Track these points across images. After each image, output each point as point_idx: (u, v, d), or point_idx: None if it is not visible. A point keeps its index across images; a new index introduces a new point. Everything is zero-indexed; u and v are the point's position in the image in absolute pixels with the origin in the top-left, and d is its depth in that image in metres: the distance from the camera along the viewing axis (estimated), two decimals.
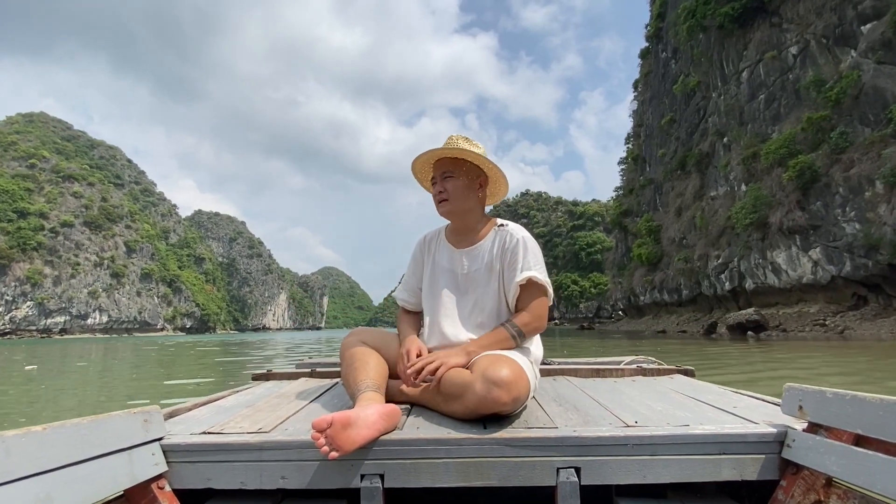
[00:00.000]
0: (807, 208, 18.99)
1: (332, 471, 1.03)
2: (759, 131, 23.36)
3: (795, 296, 20.72)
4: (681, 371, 2.01)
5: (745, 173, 23.48)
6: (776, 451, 1.03)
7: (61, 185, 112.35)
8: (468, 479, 1.02)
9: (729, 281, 24.73)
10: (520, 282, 1.42)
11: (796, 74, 21.75)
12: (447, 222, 1.62)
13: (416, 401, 1.40)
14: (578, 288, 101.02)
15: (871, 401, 0.87)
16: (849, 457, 0.90)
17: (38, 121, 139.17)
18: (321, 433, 0.99)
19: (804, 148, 19.40)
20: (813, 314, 19.00)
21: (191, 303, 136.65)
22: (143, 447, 1.01)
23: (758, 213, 20.84)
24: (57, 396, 5.45)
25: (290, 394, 1.65)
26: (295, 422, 1.24)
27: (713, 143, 28.63)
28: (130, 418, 1.00)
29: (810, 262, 19.13)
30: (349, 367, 1.38)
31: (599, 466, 1.02)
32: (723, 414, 1.23)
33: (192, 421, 1.28)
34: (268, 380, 2.07)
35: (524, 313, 1.44)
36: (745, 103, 24.73)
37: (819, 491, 0.95)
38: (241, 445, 1.05)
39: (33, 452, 0.79)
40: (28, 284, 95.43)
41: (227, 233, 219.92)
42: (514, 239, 1.47)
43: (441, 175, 1.51)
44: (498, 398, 1.13)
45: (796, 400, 1.05)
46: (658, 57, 41.48)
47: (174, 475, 1.04)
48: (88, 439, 0.89)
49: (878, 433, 0.85)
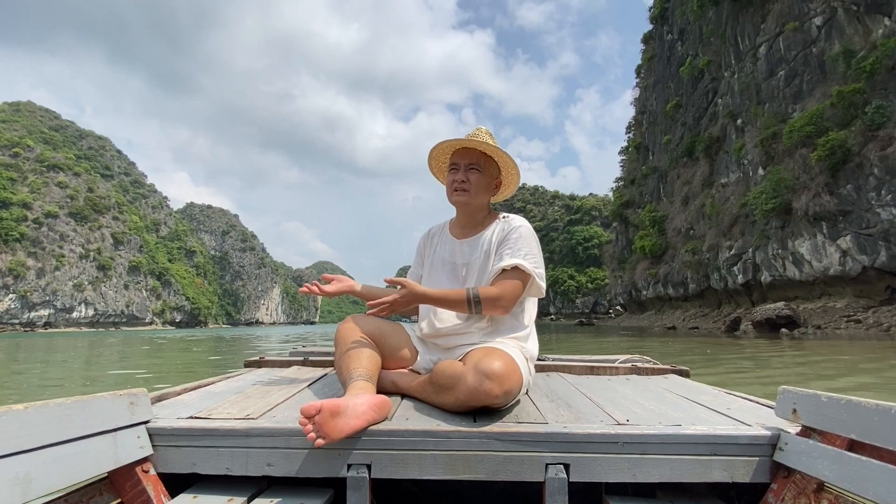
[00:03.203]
0: (836, 192, 17.13)
1: (318, 459, 1.02)
2: (779, 110, 21.48)
3: (818, 289, 18.91)
4: (676, 371, 1.98)
5: (762, 156, 21.60)
6: (768, 454, 1.02)
7: (46, 174, 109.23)
8: (456, 471, 1.01)
9: (742, 273, 22.91)
10: (503, 266, 1.39)
11: (821, 47, 19.86)
12: (452, 216, 1.62)
13: (406, 392, 1.39)
14: (575, 283, 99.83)
15: (867, 406, 0.86)
16: (841, 462, 0.88)
17: (24, 110, 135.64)
18: (309, 419, 0.98)
19: (833, 125, 17.52)
20: (840, 309, 17.20)
21: (180, 296, 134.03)
22: (129, 430, 0.99)
23: (779, 198, 18.95)
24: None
25: (281, 381, 1.64)
26: (283, 409, 1.23)
27: (724, 127, 26.78)
28: (116, 400, 0.99)
29: (838, 252, 17.29)
30: (343, 355, 1.36)
31: (589, 464, 1.01)
32: (716, 415, 1.21)
33: (179, 405, 1.27)
34: (260, 367, 2.05)
35: (492, 287, 1.39)
36: (762, 81, 22.84)
37: (810, 496, 0.94)
38: (227, 431, 1.04)
39: (14, 431, 0.78)
40: (10, 277, 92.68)
41: (220, 226, 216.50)
42: (512, 226, 1.47)
43: (467, 165, 1.49)
44: (489, 391, 1.11)
45: (790, 403, 1.04)
46: (663, 40, 39.59)
47: (159, 459, 1.03)
48: (72, 420, 0.88)
49: (873, 439, 0.84)
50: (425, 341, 1.52)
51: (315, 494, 1.05)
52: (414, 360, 1.50)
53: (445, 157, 1.58)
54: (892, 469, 0.80)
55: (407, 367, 1.50)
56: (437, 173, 1.65)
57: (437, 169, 1.65)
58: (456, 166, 1.50)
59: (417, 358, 1.50)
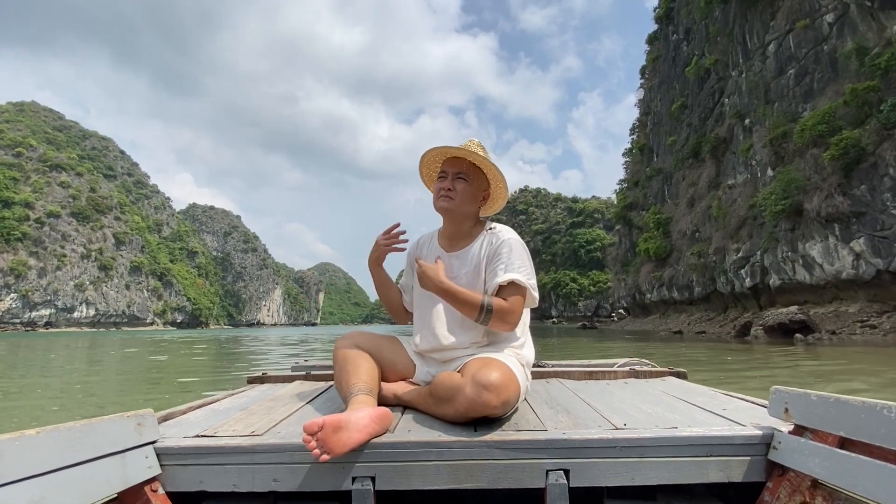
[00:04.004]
0: (849, 193, 16.54)
1: (323, 473, 1.03)
2: (788, 110, 20.90)
3: (830, 293, 18.30)
4: (673, 373, 1.98)
5: (771, 156, 21.03)
6: (763, 454, 1.03)
7: (48, 174, 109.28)
8: (458, 481, 1.03)
9: (750, 277, 22.31)
10: (500, 282, 1.39)
11: (833, 44, 19.30)
12: (440, 226, 1.62)
13: (407, 404, 1.40)
14: (577, 286, 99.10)
15: (854, 404, 0.88)
16: (833, 459, 0.90)
17: (28, 110, 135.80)
18: (312, 436, 1.00)
19: (845, 124, 16.96)
20: (853, 314, 16.58)
21: (182, 297, 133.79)
22: (137, 450, 1.01)
23: (790, 199, 18.37)
24: None
25: (284, 397, 1.65)
26: (288, 425, 1.24)
27: (731, 127, 26.20)
28: (124, 422, 1.00)
29: (851, 255, 16.70)
30: (342, 371, 1.37)
31: (588, 469, 1.02)
32: (711, 416, 1.22)
33: (185, 424, 1.28)
34: (262, 382, 2.05)
35: (504, 301, 1.38)
36: (771, 80, 22.27)
37: (804, 493, 0.96)
38: (233, 448, 1.05)
39: (27, 456, 0.80)
40: (12, 276, 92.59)
41: (222, 227, 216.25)
42: (500, 240, 1.46)
43: (455, 173, 1.49)
44: (488, 402, 1.12)
45: (782, 402, 1.05)
46: (668, 40, 39.07)
47: (167, 478, 1.04)
48: (82, 442, 0.89)
49: (862, 436, 0.86)
50: (422, 354, 1.52)
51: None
52: (412, 373, 1.51)
53: (436, 166, 1.58)
54: (880, 465, 0.81)
55: (406, 379, 1.51)
56: (427, 182, 1.64)
57: (427, 178, 1.64)
58: (444, 174, 1.50)
59: (416, 370, 1.51)
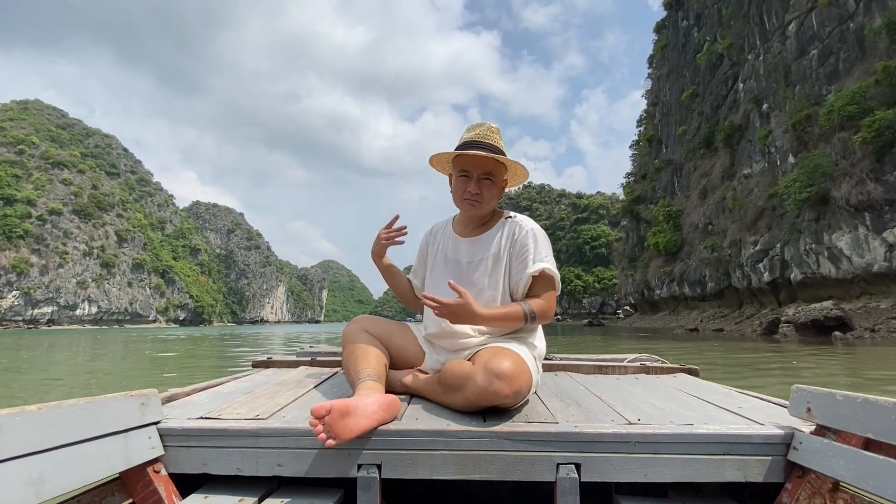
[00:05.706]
0: (882, 179, 15.28)
1: (328, 459, 1.02)
2: (811, 92, 19.60)
3: (858, 288, 17.04)
4: (685, 370, 1.96)
5: (793, 142, 19.72)
6: (782, 454, 1.01)
7: (50, 171, 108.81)
8: (466, 471, 1.01)
9: (768, 271, 21.04)
10: (532, 272, 1.39)
11: (859, 22, 17.98)
12: (455, 213, 1.60)
13: (415, 392, 1.39)
14: (582, 283, 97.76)
15: (884, 404, 0.85)
16: (858, 461, 0.88)
17: (32, 108, 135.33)
18: (319, 420, 0.98)
19: (877, 104, 15.68)
20: (886, 310, 15.31)
21: (184, 294, 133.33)
22: (140, 430, 1.00)
23: (815, 186, 17.10)
24: None
25: (290, 381, 1.64)
26: (293, 409, 1.22)
27: (747, 113, 24.88)
28: (128, 401, 0.99)
29: (884, 246, 15.44)
30: (350, 356, 1.36)
31: (600, 463, 1.01)
32: (728, 414, 1.19)
33: (189, 405, 1.27)
34: (268, 367, 2.04)
35: (539, 300, 1.39)
36: (791, 61, 20.95)
37: (825, 495, 0.93)
38: (237, 431, 1.04)
39: (27, 432, 0.78)
40: (14, 273, 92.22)
41: (226, 224, 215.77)
42: (524, 230, 1.45)
43: (480, 175, 1.43)
44: (499, 391, 1.11)
45: (804, 402, 1.02)
46: (677, 27, 37.66)
47: (170, 459, 1.03)
48: (84, 421, 0.88)
49: (890, 437, 0.83)
50: (432, 342, 1.50)
51: (325, 495, 1.04)
52: (421, 361, 1.49)
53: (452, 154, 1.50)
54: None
55: (414, 367, 1.49)
56: (438, 166, 1.56)
57: (437, 161, 1.54)
58: (467, 174, 1.43)
59: (425, 358, 1.48)
